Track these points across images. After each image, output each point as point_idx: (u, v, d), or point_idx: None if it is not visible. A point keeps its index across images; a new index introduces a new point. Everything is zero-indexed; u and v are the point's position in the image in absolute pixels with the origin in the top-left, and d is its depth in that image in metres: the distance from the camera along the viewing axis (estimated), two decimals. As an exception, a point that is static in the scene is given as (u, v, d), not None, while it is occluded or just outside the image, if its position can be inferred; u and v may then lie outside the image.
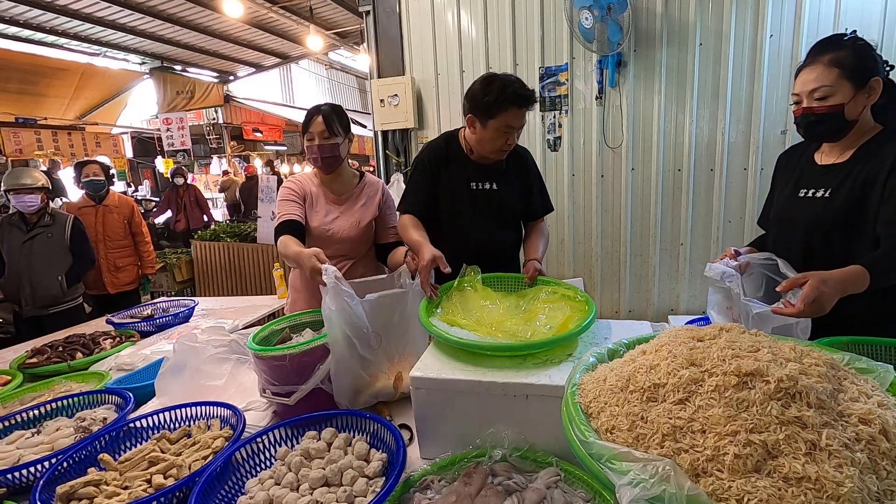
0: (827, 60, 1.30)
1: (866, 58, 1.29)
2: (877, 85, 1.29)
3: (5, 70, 6.66)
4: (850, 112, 1.30)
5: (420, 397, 1.15)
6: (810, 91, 1.32)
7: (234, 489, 1.09)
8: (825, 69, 1.30)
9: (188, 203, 7.09)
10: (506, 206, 1.93)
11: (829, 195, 1.37)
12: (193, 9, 7.39)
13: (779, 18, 3.24)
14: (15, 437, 1.35)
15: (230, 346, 1.56)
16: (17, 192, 3.03)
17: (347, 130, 1.94)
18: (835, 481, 0.61)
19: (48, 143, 7.59)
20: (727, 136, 3.46)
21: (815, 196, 1.40)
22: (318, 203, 1.98)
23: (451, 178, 1.88)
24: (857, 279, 1.15)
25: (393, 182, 4.27)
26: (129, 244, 3.76)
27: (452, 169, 1.88)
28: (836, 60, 1.29)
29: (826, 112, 1.31)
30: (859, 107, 1.31)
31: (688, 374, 0.78)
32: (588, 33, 3.36)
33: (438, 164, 1.89)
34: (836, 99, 1.29)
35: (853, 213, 1.32)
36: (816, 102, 1.32)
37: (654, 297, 3.85)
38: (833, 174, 1.38)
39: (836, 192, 1.35)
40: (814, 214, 1.38)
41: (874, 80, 1.29)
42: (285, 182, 2.06)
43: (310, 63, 13.28)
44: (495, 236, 1.94)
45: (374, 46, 4.15)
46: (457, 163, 1.89)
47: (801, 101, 1.36)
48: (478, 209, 1.89)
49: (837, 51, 1.29)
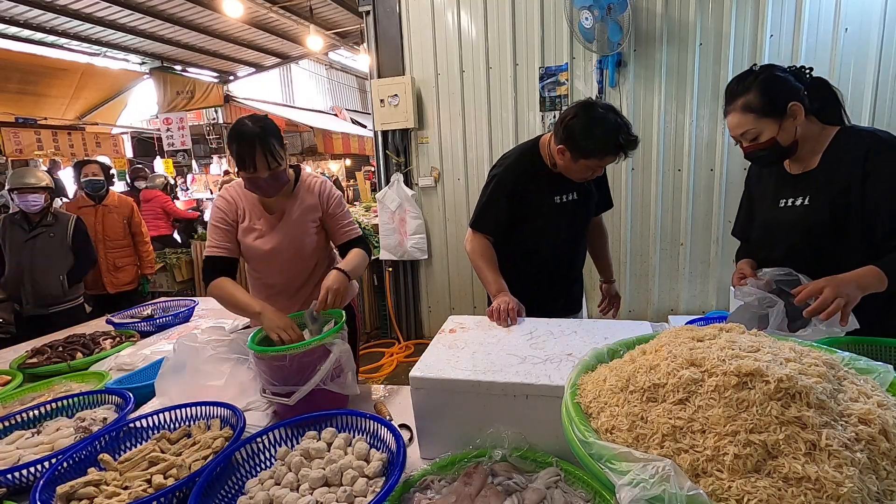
0: (739, 106, 1.35)
1: (774, 90, 1.32)
2: (797, 108, 1.32)
3: (5, 70, 6.65)
4: (785, 139, 1.34)
5: (420, 397, 1.15)
6: (740, 135, 1.37)
7: (233, 489, 1.09)
8: (741, 115, 1.35)
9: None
10: (585, 215, 1.89)
11: (808, 202, 1.39)
12: (193, 9, 7.38)
13: (779, 18, 3.24)
14: (15, 437, 1.35)
15: (230, 346, 1.56)
16: (22, 191, 3.03)
17: (282, 144, 1.65)
18: (835, 481, 0.61)
19: (48, 143, 7.58)
20: (727, 136, 3.46)
21: (794, 205, 1.42)
22: (251, 219, 1.76)
23: (536, 196, 1.77)
24: (874, 278, 1.19)
25: (393, 182, 4.27)
26: (128, 244, 3.76)
27: (537, 186, 1.76)
28: (746, 105, 1.33)
29: (764, 147, 1.35)
30: (791, 131, 1.34)
31: (688, 374, 0.78)
32: (588, 33, 3.37)
33: (524, 185, 1.76)
34: (765, 136, 1.34)
35: (836, 219, 1.34)
36: (751, 143, 1.37)
37: (654, 297, 3.85)
38: (807, 181, 1.40)
39: (815, 200, 1.37)
40: (798, 222, 1.40)
41: (792, 105, 1.31)
42: (216, 198, 1.83)
43: (310, 63, 13.27)
44: (572, 251, 1.91)
45: (374, 46, 4.15)
46: (542, 179, 1.76)
47: (739, 142, 1.41)
48: (562, 223, 1.82)
49: (745, 94, 1.34)
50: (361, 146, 11.53)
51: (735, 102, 1.36)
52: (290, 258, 1.79)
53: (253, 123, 1.58)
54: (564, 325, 1.40)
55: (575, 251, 1.93)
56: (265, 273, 1.85)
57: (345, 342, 1.41)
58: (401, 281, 4.52)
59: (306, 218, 1.78)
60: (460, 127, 4.07)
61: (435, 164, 4.22)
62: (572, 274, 1.96)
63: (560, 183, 1.76)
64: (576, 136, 1.57)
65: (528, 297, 1.61)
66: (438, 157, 4.20)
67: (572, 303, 2.00)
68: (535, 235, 1.81)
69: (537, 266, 1.85)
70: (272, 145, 1.57)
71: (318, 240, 1.83)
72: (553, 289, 1.89)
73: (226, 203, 1.77)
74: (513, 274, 1.75)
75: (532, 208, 1.77)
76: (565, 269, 1.91)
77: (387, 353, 4.31)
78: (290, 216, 1.77)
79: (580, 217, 1.87)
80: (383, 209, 4.32)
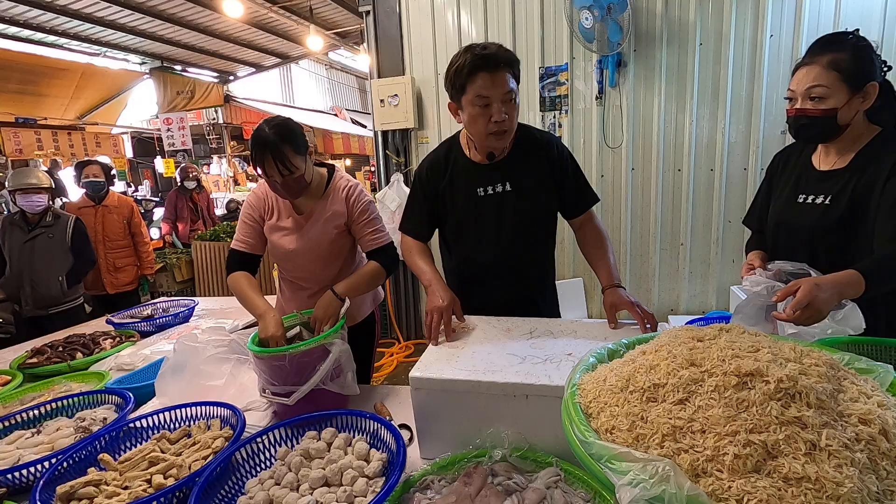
0: (826, 62, 1.27)
1: (865, 61, 1.27)
2: (872, 90, 1.27)
3: (5, 70, 6.65)
4: (843, 117, 1.29)
5: (420, 397, 1.15)
6: (806, 90, 1.29)
7: (234, 489, 1.09)
8: (823, 71, 1.26)
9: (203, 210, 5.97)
10: (525, 209, 1.60)
11: (829, 202, 1.34)
12: (193, 9, 7.38)
13: (779, 18, 3.24)
14: (15, 437, 1.35)
15: (230, 346, 1.56)
16: (27, 192, 3.04)
17: (306, 148, 1.63)
18: (834, 481, 0.61)
19: (48, 143, 7.58)
20: (727, 136, 3.46)
21: (815, 203, 1.37)
22: (279, 217, 1.77)
23: (456, 189, 1.62)
24: (850, 283, 1.13)
25: (393, 182, 4.27)
26: (128, 244, 3.76)
27: (456, 178, 1.62)
28: (835, 63, 1.26)
29: (819, 115, 1.29)
30: (853, 111, 1.29)
31: (688, 374, 0.78)
32: (588, 33, 3.37)
33: (437, 176, 1.64)
34: (831, 102, 1.27)
35: (854, 219, 1.30)
36: (810, 104, 1.29)
37: (654, 297, 3.85)
38: (833, 180, 1.36)
39: (837, 200, 1.33)
40: (816, 221, 1.36)
41: (870, 84, 1.27)
42: (249, 193, 1.86)
43: (310, 63, 13.27)
44: (515, 250, 1.63)
45: (374, 46, 4.15)
46: (460, 169, 1.62)
47: (796, 99, 1.33)
48: (489, 218, 1.60)
49: (838, 52, 1.26)
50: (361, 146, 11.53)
51: (821, 57, 1.27)
52: (312, 259, 1.78)
53: (269, 129, 1.56)
54: (564, 325, 1.40)
55: (521, 252, 1.64)
56: (289, 270, 1.87)
57: (344, 342, 1.41)
58: (401, 281, 4.52)
59: (330, 223, 1.75)
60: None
61: (435, 164, 4.22)
62: (526, 279, 1.68)
63: (484, 174, 1.60)
64: (447, 76, 1.47)
65: (469, 306, 1.50)
66: (438, 157, 4.20)
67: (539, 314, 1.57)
68: (458, 233, 1.67)
69: (470, 270, 1.68)
70: (285, 153, 1.54)
71: (342, 244, 1.81)
72: (497, 296, 1.64)
73: (256, 199, 1.78)
74: (452, 281, 1.66)
75: (451, 202, 1.63)
76: (510, 272, 1.65)
77: (387, 353, 4.31)
78: (316, 219, 1.75)
79: (517, 211, 1.59)
80: (383, 209, 4.32)
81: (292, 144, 1.57)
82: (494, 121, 1.44)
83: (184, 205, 5.82)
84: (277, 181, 1.59)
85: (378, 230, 1.78)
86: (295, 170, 1.58)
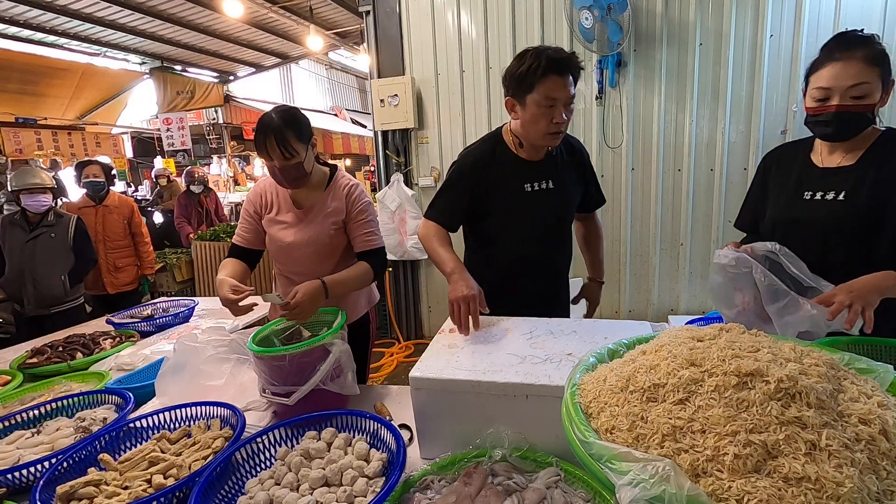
0: (862, 56, 1.21)
1: (888, 58, 1.24)
2: (892, 87, 1.26)
3: (5, 70, 6.65)
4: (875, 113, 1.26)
5: (420, 397, 1.15)
6: (848, 87, 1.23)
7: (234, 489, 1.09)
8: (865, 66, 1.21)
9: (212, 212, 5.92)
10: (565, 207, 1.74)
11: (843, 197, 1.32)
12: (193, 9, 7.38)
13: (779, 18, 3.24)
14: (15, 437, 1.35)
15: (230, 346, 1.56)
16: (31, 191, 3.05)
17: (309, 138, 1.66)
18: (835, 481, 0.61)
19: (48, 143, 7.57)
20: (727, 136, 3.46)
21: (824, 199, 1.35)
22: (279, 211, 1.78)
23: (501, 184, 1.65)
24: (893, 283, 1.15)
25: (393, 182, 4.27)
26: (128, 244, 3.76)
27: (501, 173, 1.65)
28: (872, 58, 1.21)
29: (860, 112, 1.24)
30: (880, 107, 1.27)
31: (688, 374, 0.78)
32: (588, 33, 3.37)
33: (484, 170, 1.65)
34: (871, 98, 1.23)
35: (874, 215, 1.28)
36: (852, 100, 1.23)
37: (654, 297, 3.85)
38: (841, 177, 1.34)
39: (854, 195, 1.31)
40: (828, 215, 1.34)
41: (892, 81, 1.26)
42: (252, 188, 1.88)
43: (310, 63, 13.27)
44: (549, 246, 1.74)
45: (374, 46, 4.15)
46: (506, 165, 1.66)
47: (831, 97, 1.26)
48: (534, 214, 1.67)
49: (870, 47, 1.22)
50: (361, 146, 11.53)
51: (855, 52, 1.22)
52: (308, 254, 1.78)
53: (276, 114, 1.60)
54: (564, 325, 1.40)
55: (554, 247, 1.76)
56: (285, 264, 1.86)
57: (345, 342, 1.41)
58: (401, 281, 4.52)
59: (329, 218, 1.76)
60: (460, 127, 4.07)
61: (435, 164, 4.22)
62: (553, 274, 1.80)
63: (530, 170, 1.66)
64: (512, 74, 1.52)
65: (501, 300, 1.51)
66: (438, 157, 4.20)
67: (557, 308, 1.81)
68: (502, 227, 1.69)
69: (509, 264, 1.72)
70: (287, 136, 1.58)
71: (339, 242, 1.81)
72: (529, 290, 1.73)
73: (255, 194, 1.82)
74: (485, 274, 1.64)
75: (497, 197, 1.66)
76: (542, 267, 1.76)
77: (387, 353, 4.31)
78: (316, 213, 1.77)
79: (558, 208, 1.71)
80: (383, 209, 4.32)
81: (295, 130, 1.60)
82: (556, 122, 1.52)
83: (192, 209, 5.81)
84: (277, 166, 1.60)
85: (373, 232, 1.79)
86: (295, 154, 1.60)
